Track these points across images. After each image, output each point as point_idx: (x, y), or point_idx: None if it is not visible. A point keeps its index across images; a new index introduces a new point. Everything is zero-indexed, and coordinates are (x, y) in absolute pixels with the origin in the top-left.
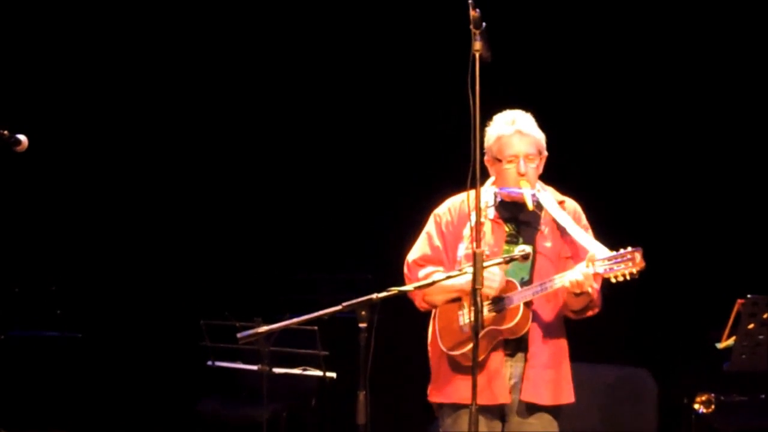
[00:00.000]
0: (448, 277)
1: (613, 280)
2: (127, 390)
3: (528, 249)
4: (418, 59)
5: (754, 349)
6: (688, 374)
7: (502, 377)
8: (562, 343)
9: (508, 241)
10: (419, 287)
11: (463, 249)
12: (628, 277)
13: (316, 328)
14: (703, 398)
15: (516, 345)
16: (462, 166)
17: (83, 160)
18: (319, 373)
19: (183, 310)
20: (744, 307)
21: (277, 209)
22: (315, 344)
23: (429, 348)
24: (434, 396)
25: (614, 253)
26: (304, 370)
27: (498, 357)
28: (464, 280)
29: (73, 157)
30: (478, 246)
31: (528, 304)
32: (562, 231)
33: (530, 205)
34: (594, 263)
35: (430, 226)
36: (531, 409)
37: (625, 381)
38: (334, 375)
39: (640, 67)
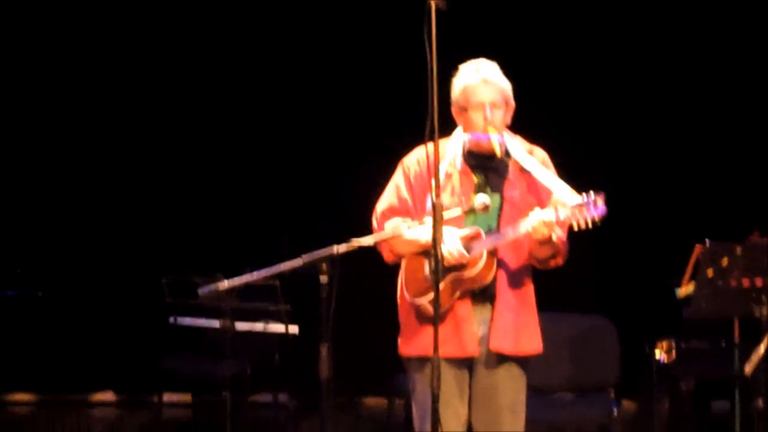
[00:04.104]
0: (408, 229)
1: (575, 227)
2: (90, 348)
3: (487, 200)
4: (373, 10)
5: (713, 296)
6: (649, 321)
7: (470, 327)
8: (529, 292)
9: (476, 191)
10: (379, 239)
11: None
12: (590, 224)
13: (277, 282)
14: (664, 345)
15: (484, 295)
16: (423, 118)
17: (45, 121)
18: (281, 327)
19: (144, 266)
20: (703, 253)
21: (238, 163)
22: (277, 299)
23: (398, 301)
24: (403, 349)
25: (577, 200)
26: (267, 325)
27: (465, 307)
28: (426, 232)
29: (36, 118)
30: (438, 197)
31: (493, 253)
32: (529, 179)
33: (498, 151)
34: (557, 209)
35: (398, 177)
36: (500, 360)
37: (585, 330)
38: (296, 329)
39: (602, 16)
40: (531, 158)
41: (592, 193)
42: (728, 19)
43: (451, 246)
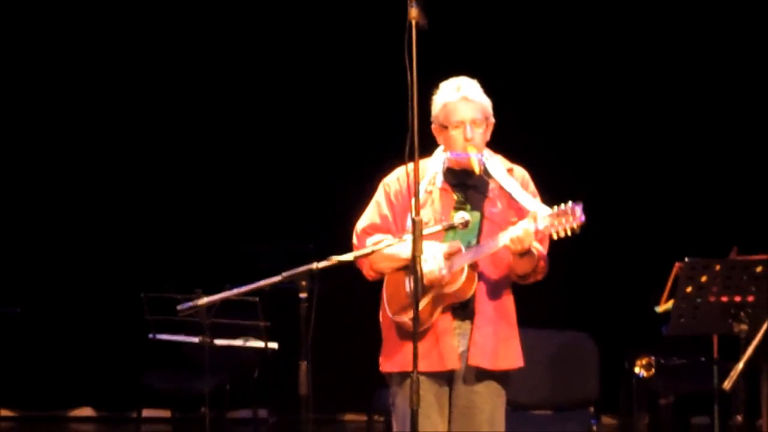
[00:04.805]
0: (388, 246)
1: (555, 236)
2: (69, 364)
3: (467, 217)
4: (357, 27)
5: (692, 313)
6: (628, 338)
7: (450, 341)
8: (509, 306)
9: (456, 208)
10: (359, 256)
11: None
12: (569, 233)
13: (257, 299)
14: (644, 362)
15: (464, 310)
16: (405, 136)
17: (19, 128)
18: (261, 344)
19: (123, 282)
20: (682, 270)
21: (218, 179)
22: (256, 315)
23: (381, 318)
24: (384, 365)
25: (555, 209)
26: (246, 341)
27: (446, 321)
28: (406, 248)
29: (8, 127)
30: (417, 214)
31: (473, 267)
32: (509, 197)
33: (477, 169)
34: (536, 219)
35: (379, 195)
36: (479, 375)
37: (566, 345)
38: (275, 346)
39: (582, 32)
40: (510, 178)
41: (570, 202)
42: (707, 39)
43: (433, 264)
